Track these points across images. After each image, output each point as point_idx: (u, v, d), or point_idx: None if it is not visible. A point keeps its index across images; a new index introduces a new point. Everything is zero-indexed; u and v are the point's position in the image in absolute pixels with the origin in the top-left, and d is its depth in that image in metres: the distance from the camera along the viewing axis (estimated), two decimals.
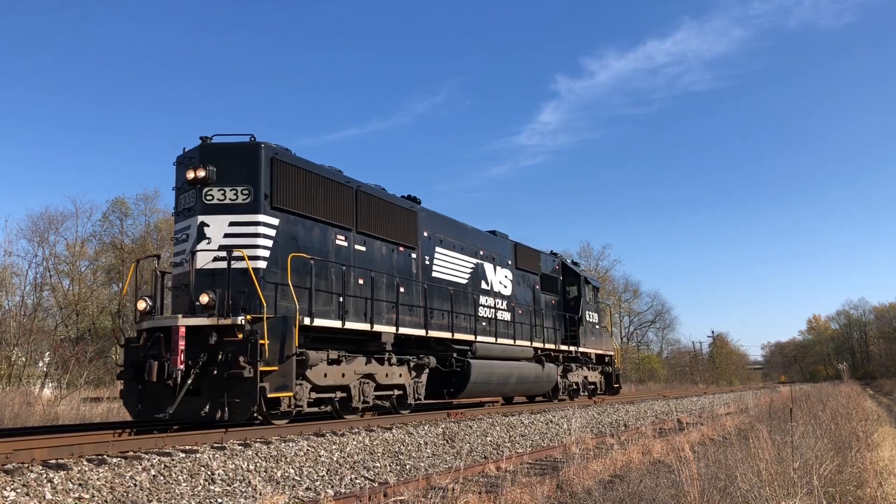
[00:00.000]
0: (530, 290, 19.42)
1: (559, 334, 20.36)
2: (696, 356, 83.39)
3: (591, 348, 22.19)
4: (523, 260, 19.20)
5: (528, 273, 19.47)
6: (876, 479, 6.86)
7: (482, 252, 17.14)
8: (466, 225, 16.88)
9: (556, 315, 20.54)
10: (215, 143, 10.90)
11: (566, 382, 20.70)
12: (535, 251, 20.40)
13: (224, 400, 9.51)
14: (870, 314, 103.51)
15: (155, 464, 7.25)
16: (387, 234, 13.41)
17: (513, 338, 17.40)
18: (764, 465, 6.12)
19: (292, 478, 7.97)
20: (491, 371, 15.74)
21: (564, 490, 7.56)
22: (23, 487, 6.04)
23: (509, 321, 17.57)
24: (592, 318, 22.84)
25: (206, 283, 10.16)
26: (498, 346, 16.49)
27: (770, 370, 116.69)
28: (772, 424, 9.77)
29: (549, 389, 19.75)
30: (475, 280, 16.56)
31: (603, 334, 23.97)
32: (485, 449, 11.56)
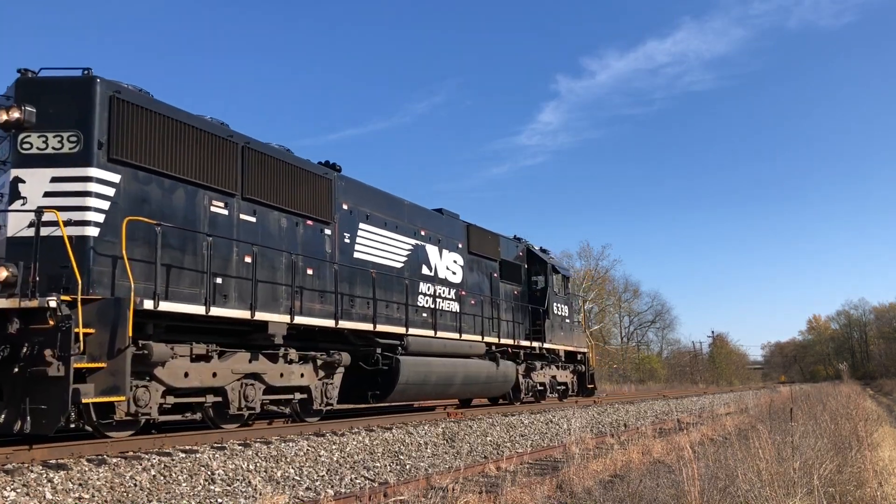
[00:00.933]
0: (486, 278, 17.26)
1: (522, 329, 18.33)
2: (696, 356, 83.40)
3: (559, 344, 20.02)
4: (478, 244, 17.04)
5: (484, 259, 17.29)
6: (876, 479, 6.86)
7: (424, 232, 14.90)
8: (403, 200, 14.61)
9: (518, 307, 18.49)
10: (38, 78, 8.67)
11: (529, 383, 18.60)
12: (494, 235, 18.07)
13: (25, 406, 7.21)
14: (870, 314, 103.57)
15: (155, 464, 7.25)
16: (288, 204, 11.08)
17: (460, 331, 15.28)
18: (764, 465, 6.12)
19: (292, 478, 7.97)
20: (428, 370, 13.64)
21: (564, 490, 7.56)
22: (23, 487, 6.04)
23: (457, 313, 15.50)
24: (561, 310, 20.68)
25: (20, 255, 7.95)
26: (438, 341, 14.37)
27: (770, 370, 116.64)
28: (772, 424, 9.77)
29: (507, 390, 17.52)
30: (414, 264, 14.39)
31: (574, 329, 21.80)
32: (485, 449, 11.56)
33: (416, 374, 13.27)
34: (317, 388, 11.45)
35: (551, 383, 20.08)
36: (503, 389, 17.35)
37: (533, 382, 18.78)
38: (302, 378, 11.08)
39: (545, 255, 20.81)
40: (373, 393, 12.95)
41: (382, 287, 13.13)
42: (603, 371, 56.30)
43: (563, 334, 20.59)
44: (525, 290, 19.41)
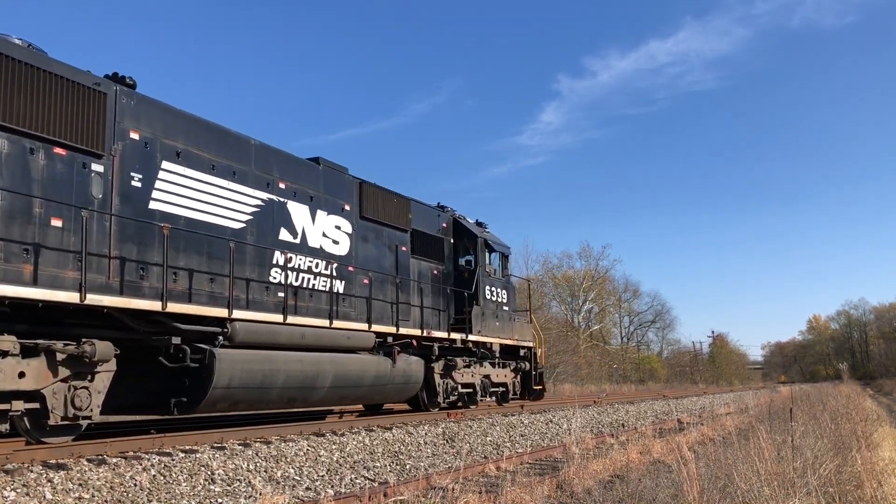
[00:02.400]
0: (390, 251, 13.91)
1: (444, 317, 15.26)
2: (696, 356, 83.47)
3: (492, 336, 16.54)
4: (376, 208, 13.54)
5: (387, 228, 13.87)
6: (876, 479, 6.86)
7: (285, 185, 11.39)
8: (251, 140, 10.89)
9: (438, 290, 15.29)
10: None
11: (449, 384, 15.10)
12: (402, 198, 14.51)
13: None
14: (870, 314, 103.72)
15: (155, 464, 7.26)
16: (14, 119, 7.64)
17: (331, 317, 11.60)
18: (764, 465, 6.12)
19: (292, 478, 7.98)
20: (270, 368, 10.09)
21: (564, 490, 7.57)
22: (23, 487, 6.05)
23: (337, 293, 12.08)
24: (497, 296, 17.26)
25: None
26: (291, 330, 10.69)
27: (770, 370, 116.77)
28: (772, 424, 9.78)
29: (412, 393, 13.93)
30: (264, 226, 10.85)
31: (515, 319, 18.34)
32: (485, 449, 11.56)
33: (247, 373, 9.74)
34: (53, 395, 7.80)
35: (483, 384, 16.52)
36: (406, 392, 13.70)
37: (454, 384, 15.25)
38: (20, 380, 7.41)
39: (477, 228, 17.38)
40: (178, 401, 9.51)
41: (197, 251, 9.66)
42: (603, 371, 56.36)
43: (499, 325, 17.07)
44: (450, 271, 16.14)
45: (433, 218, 15.93)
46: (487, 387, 16.78)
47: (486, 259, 17.00)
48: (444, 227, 16.32)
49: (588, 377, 49.27)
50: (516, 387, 18.35)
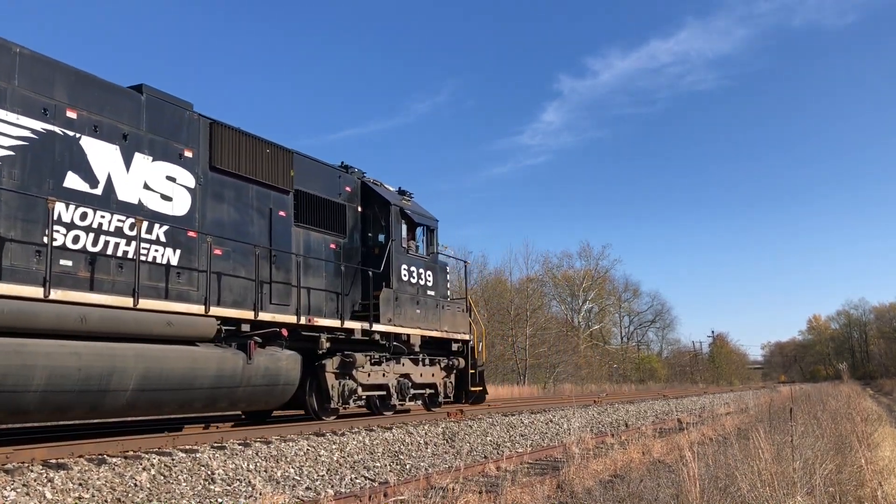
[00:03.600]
0: (261, 216, 11.19)
1: (344, 302, 12.44)
2: (696, 356, 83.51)
3: (409, 326, 13.64)
4: (238, 158, 10.76)
5: (257, 186, 11.13)
6: (876, 478, 6.87)
7: (77, 115, 8.69)
8: (14, 46, 8.14)
9: (336, 269, 12.47)
10: None
11: (348, 386, 12.07)
12: (281, 150, 11.67)
13: None
14: (870, 314, 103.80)
15: (155, 463, 7.26)
16: None
17: (135, 295, 8.61)
18: (764, 465, 6.12)
19: (292, 477, 7.98)
20: (17, 363, 7.27)
21: (564, 490, 7.56)
22: (23, 487, 6.04)
23: (172, 266, 9.46)
24: (420, 278, 14.44)
25: None
26: (58, 311, 7.76)
27: (770, 370, 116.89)
28: (772, 424, 9.78)
29: (281, 398, 10.89)
30: (40, 167, 8.23)
31: (445, 307, 15.30)
32: (485, 448, 11.56)
33: None
34: None
35: (401, 386, 13.59)
36: (273, 397, 10.69)
37: (353, 385, 12.18)
38: None
39: (392, 194, 14.47)
40: None
41: None
42: (603, 371, 56.38)
43: (421, 313, 14.16)
44: (355, 246, 13.42)
45: (331, 179, 12.99)
46: (406, 388, 13.67)
47: (401, 232, 13.97)
48: (349, 192, 13.40)
49: (588, 377, 49.30)
50: (448, 388, 15.43)
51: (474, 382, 15.99)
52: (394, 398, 13.43)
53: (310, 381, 11.73)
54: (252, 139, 11.18)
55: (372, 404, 13.46)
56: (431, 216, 15.48)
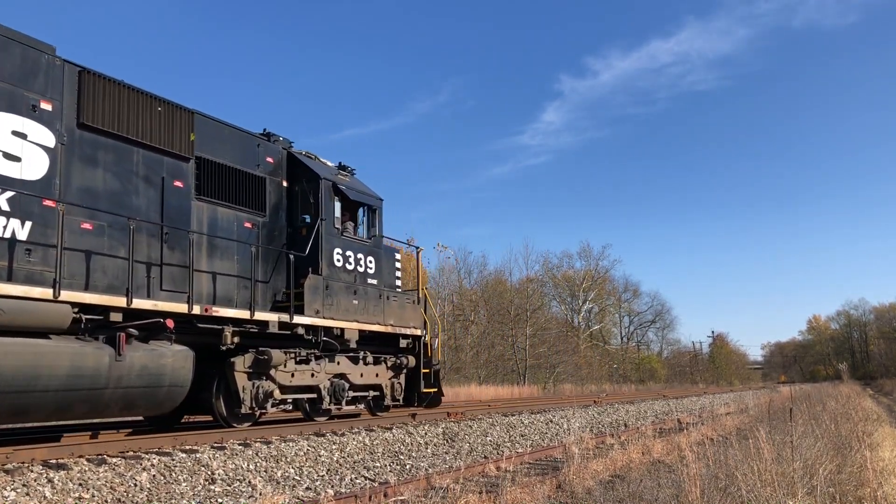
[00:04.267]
0: (150, 186, 9.44)
1: (263, 290, 10.96)
2: (696, 356, 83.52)
3: (344, 319, 11.89)
4: (117, 115, 9.03)
5: (145, 150, 9.40)
6: (876, 479, 6.87)
7: None
8: None
9: (254, 252, 10.69)
10: None
11: (263, 389, 10.49)
12: (179, 109, 9.96)
13: None
14: (870, 314, 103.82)
15: (155, 463, 7.26)
16: None
17: None
18: (764, 466, 6.12)
19: (292, 478, 7.98)
20: None
21: (565, 490, 7.56)
22: (23, 487, 6.05)
23: (19, 241, 7.81)
24: (359, 264, 12.56)
25: None
26: None
27: (770, 370, 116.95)
28: (772, 424, 9.78)
29: (168, 402, 9.11)
30: None
31: (392, 298, 13.43)
32: (485, 449, 11.56)
33: None
34: None
35: (335, 387, 11.95)
36: (156, 400, 8.90)
37: (270, 387, 10.61)
38: None
39: (323, 167, 12.46)
40: None
41: None
42: (603, 371, 56.38)
43: (360, 304, 12.37)
44: (279, 226, 11.70)
45: (246, 147, 11.13)
46: (342, 391, 11.99)
47: (334, 211, 12.06)
48: (270, 163, 11.59)
49: (588, 377, 49.32)
50: (397, 390, 13.66)
51: (428, 383, 14.16)
52: (326, 401, 11.71)
53: (217, 382, 10.25)
54: (138, 93, 9.37)
55: (301, 408, 11.82)
56: (374, 194, 13.41)
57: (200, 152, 10.24)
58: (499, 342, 44.23)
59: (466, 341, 42.05)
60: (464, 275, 47.94)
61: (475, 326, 43.91)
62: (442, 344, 33.59)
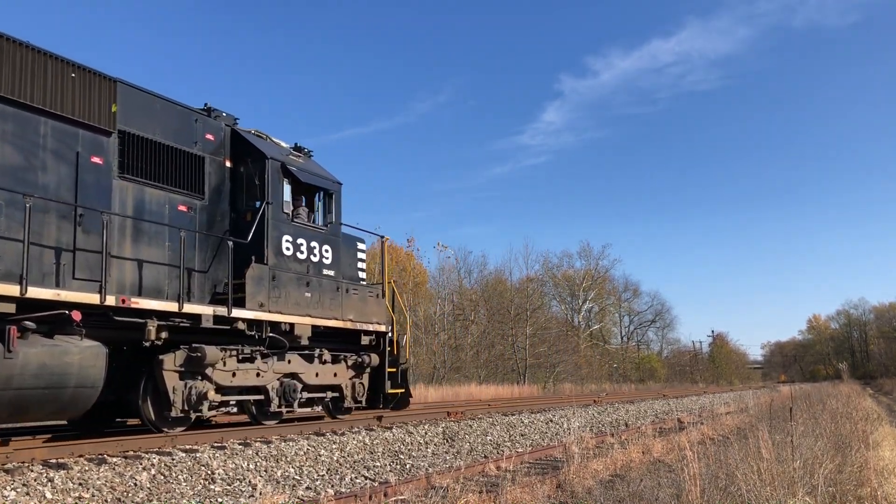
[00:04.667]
0: (61, 161, 8.41)
1: (200, 281, 10.02)
2: (696, 356, 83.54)
3: (295, 314, 10.84)
4: (13, 76, 7.97)
5: (55, 120, 8.37)
6: (876, 478, 6.87)
7: None
8: None
9: (189, 238, 9.74)
10: None
11: (196, 390, 9.42)
12: (98, 77, 8.95)
13: None
14: (870, 314, 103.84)
15: (155, 463, 7.26)
16: None
17: None
18: (764, 465, 6.12)
19: (292, 477, 7.98)
20: None
21: (565, 489, 7.56)
22: (23, 487, 6.05)
23: None
24: (312, 254, 11.43)
25: None
26: None
27: (770, 370, 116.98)
28: (772, 424, 9.78)
29: (75, 407, 8.05)
30: None
31: (352, 291, 12.33)
32: (485, 448, 11.56)
33: None
34: None
35: (285, 388, 10.96)
36: (60, 405, 7.84)
37: (204, 388, 9.51)
38: None
39: (271, 146, 11.36)
40: None
41: None
42: (603, 371, 56.40)
43: (314, 297, 11.29)
44: (221, 210, 10.65)
45: (182, 122, 10.05)
46: (293, 392, 11.00)
47: (282, 194, 10.95)
48: (211, 141, 10.49)
49: (588, 377, 49.33)
50: (358, 390, 12.55)
51: (395, 383, 13.17)
52: (274, 403, 10.71)
53: (145, 382, 9.26)
54: (47, 57, 8.33)
55: (247, 411, 10.89)
56: (331, 177, 12.23)
57: (125, 126, 9.16)
58: (499, 342, 44.23)
59: (466, 341, 42.06)
60: (464, 274, 48.03)
61: (475, 326, 43.91)
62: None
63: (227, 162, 10.84)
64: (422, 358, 38.46)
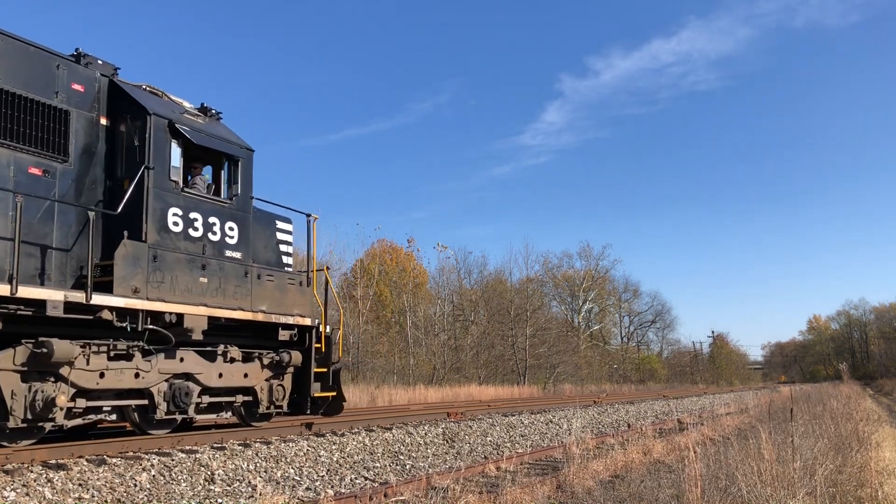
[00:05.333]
0: None
1: (59, 259, 8.25)
2: (696, 356, 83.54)
3: (186, 302, 9.02)
4: None
5: None
6: (876, 479, 6.87)
7: None
8: None
9: (43, 209, 8.11)
10: None
11: (42, 395, 7.53)
12: None
13: None
14: (870, 314, 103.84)
15: (155, 464, 7.26)
16: None
17: None
18: (765, 466, 6.12)
19: (292, 478, 7.98)
20: None
21: (565, 490, 7.56)
22: (23, 487, 6.04)
23: None
24: (211, 232, 9.57)
25: None
26: None
27: (770, 370, 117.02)
28: (772, 424, 9.78)
29: None
30: None
31: (264, 277, 10.35)
32: (485, 449, 11.56)
33: None
34: None
35: (175, 392, 9.06)
36: None
37: (53, 392, 7.59)
38: None
39: (161, 103, 9.53)
40: None
41: None
42: (603, 371, 56.40)
43: (212, 282, 9.43)
44: (95, 178, 8.86)
45: (39, 69, 8.33)
46: (184, 395, 9.11)
47: (169, 158, 9.08)
48: (79, 93, 8.75)
49: (588, 377, 49.34)
50: (277, 394, 10.71)
51: (326, 386, 11.30)
52: (161, 409, 8.85)
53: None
54: None
55: (129, 418, 8.92)
56: (238, 141, 10.36)
57: None
58: (499, 342, 44.23)
59: (466, 342, 42.05)
60: (464, 275, 48.04)
61: (475, 326, 43.90)
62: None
63: (103, 119, 8.98)
64: (422, 359, 38.46)
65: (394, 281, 42.95)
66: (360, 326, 35.70)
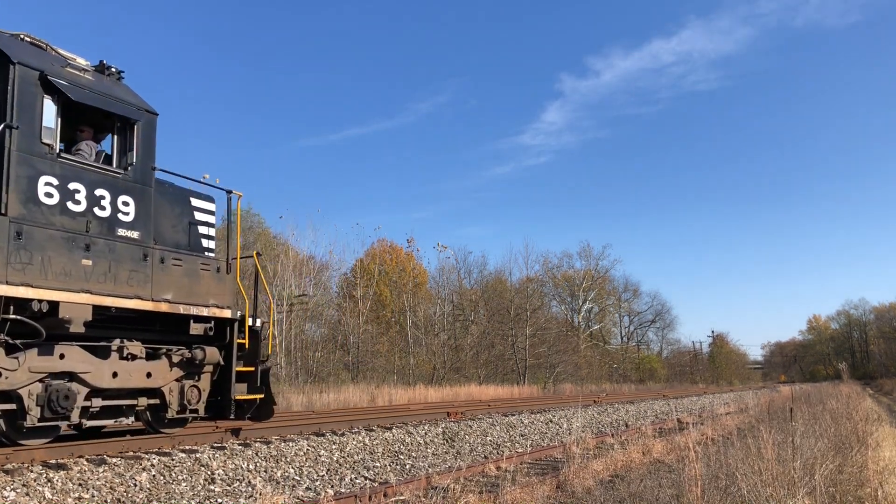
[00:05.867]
0: None
1: None
2: (696, 356, 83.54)
3: (64, 289, 7.46)
4: None
5: None
6: (877, 478, 6.86)
7: None
8: None
9: None
10: None
11: None
12: None
13: None
14: (870, 314, 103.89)
15: (155, 464, 7.26)
16: None
17: None
18: (765, 465, 6.12)
19: (292, 478, 7.98)
20: None
21: (565, 490, 7.56)
22: (23, 487, 6.04)
23: None
24: (98, 206, 8.00)
25: None
26: None
27: (770, 370, 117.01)
28: (772, 424, 9.78)
29: None
30: None
31: (170, 261, 8.87)
32: (485, 449, 11.56)
33: None
34: None
35: (52, 395, 7.54)
36: None
37: None
38: None
39: (28, 50, 7.99)
40: None
41: None
42: (603, 371, 56.39)
43: (99, 265, 7.92)
44: None
45: None
46: (63, 399, 7.61)
47: (39, 116, 7.67)
48: None
49: (588, 377, 49.32)
50: (191, 396, 9.22)
51: (254, 387, 9.92)
52: (33, 415, 7.42)
53: None
54: None
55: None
56: (136, 103, 8.88)
57: None
58: (499, 342, 44.22)
59: (466, 341, 42.05)
60: (464, 275, 48.03)
61: (475, 326, 43.90)
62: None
63: None
64: (422, 358, 38.46)
65: (394, 281, 42.96)
66: (360, 326, 35.71)
